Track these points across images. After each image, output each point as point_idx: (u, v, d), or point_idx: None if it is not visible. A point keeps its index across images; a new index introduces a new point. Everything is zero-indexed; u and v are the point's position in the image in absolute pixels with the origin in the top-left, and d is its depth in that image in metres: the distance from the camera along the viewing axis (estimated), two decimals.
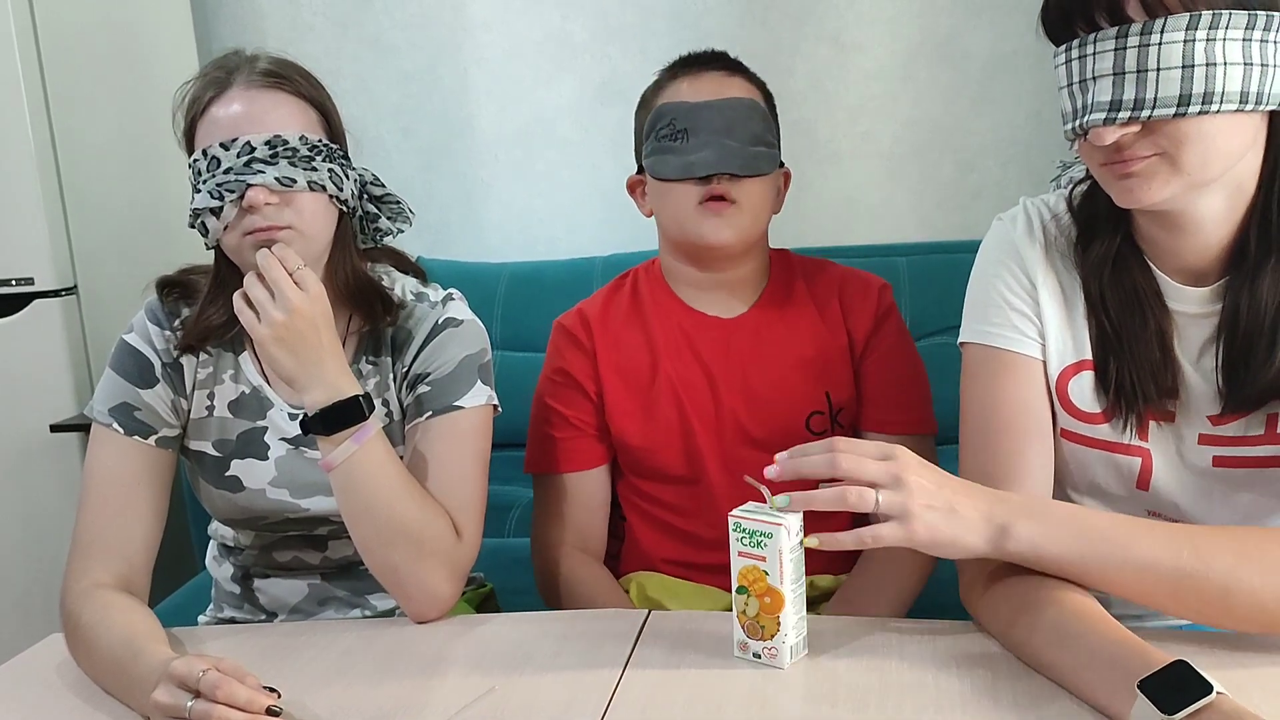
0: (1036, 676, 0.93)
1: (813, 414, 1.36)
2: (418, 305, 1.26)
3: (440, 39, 2.79)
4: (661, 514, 1.40)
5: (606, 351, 1.40)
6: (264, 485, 1.23)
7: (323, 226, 1.17)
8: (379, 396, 1.25)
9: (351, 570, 1.30)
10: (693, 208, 1.31)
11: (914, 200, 2.68)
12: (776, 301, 1.40)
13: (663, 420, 1.37)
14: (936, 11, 2.59)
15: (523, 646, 1.06)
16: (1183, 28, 0.91)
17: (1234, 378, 1.02)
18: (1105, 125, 0.93)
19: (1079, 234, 1.09)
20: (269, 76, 1.15)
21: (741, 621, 0.98)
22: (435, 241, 2.84)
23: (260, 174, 1.11)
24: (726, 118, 1.29)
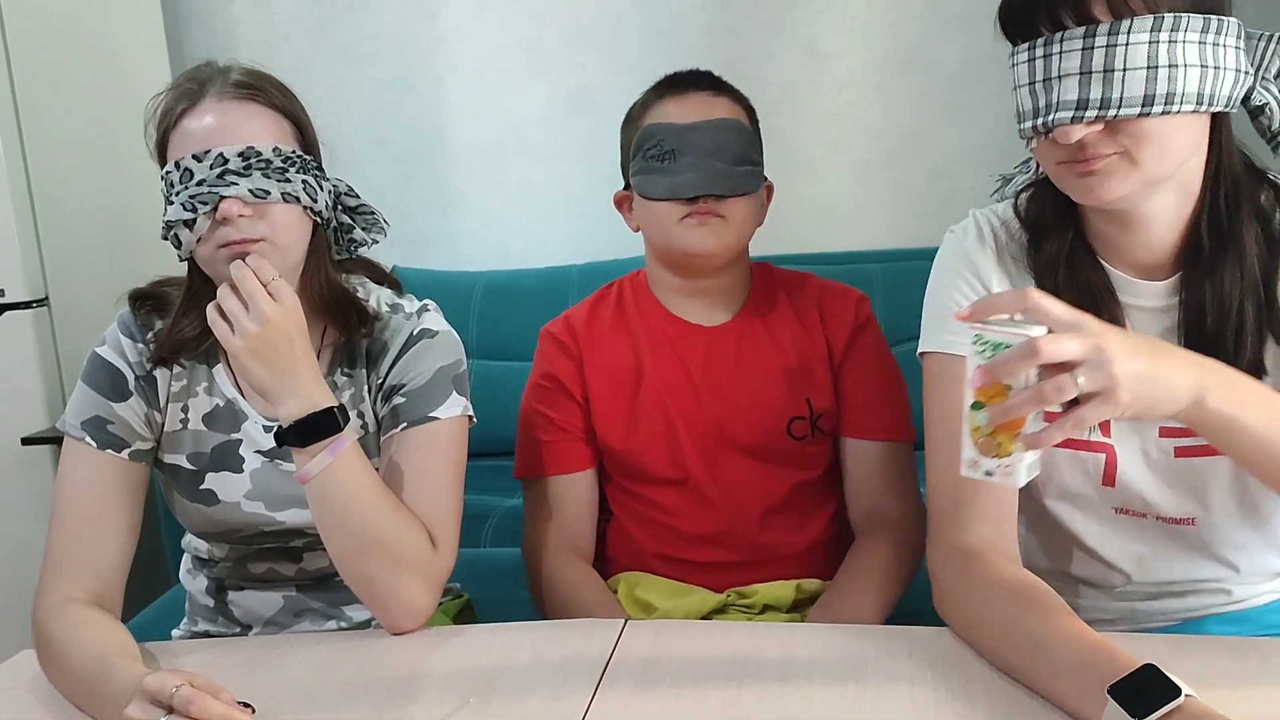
0: (1010, 682, 0.94)
1: (794, 419, 1.39)
2: (393, 317, 1.25)
3: (413, 48, 2.79)
4: (651, 512, 1.41)
5: (592, 357, 1.43)
6: (239, 498, 1.23)
7: (297, 238, 1.17)
8: (354, 408, 1.24)
9: (327, 582, 1.29)
10: (677, 220, 1.34)
11: (887, 207, 2.70)
12: (759, 311, 1.43)
13: (648, 424, 1.40)
14: (907, 20, 2.61)
15: (499, 657, 1.06)
16: (1148, 29, 0.93)
17: None
18: (1072, 124, 0.95)
19: (1030, 237, 1.11)
20: (242, 88, 1.15)
21: (975, 439, 0.90)
22: (410, 251, 2.83)
23: (233, 186, 1.10)
24: (713, 139, 1.32)
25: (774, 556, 1.37)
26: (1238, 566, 1.12)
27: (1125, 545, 1.13)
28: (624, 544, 1.44)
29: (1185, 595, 1.13)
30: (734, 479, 1.38)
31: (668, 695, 0.96)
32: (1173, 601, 1.14)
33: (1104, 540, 1.13)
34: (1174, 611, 1.14)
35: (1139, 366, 0.84)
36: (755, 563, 1.36)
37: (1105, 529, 1.13)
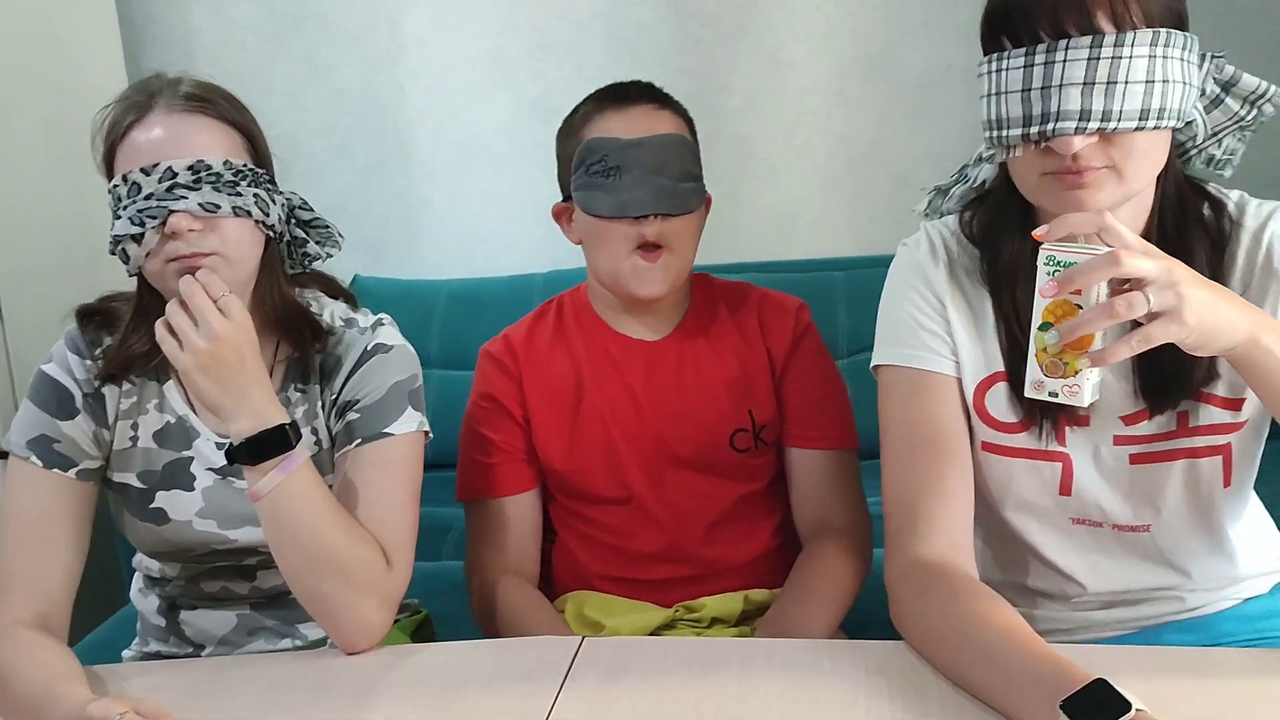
0: (965, 696, 0.94)
1: (737, 432, 1.38)
2: (347, 331, 1.24)
3: (375, 56, 2.76)
4: (596, 532, 1.40)
5: (532, 376, 1.41)
6: (190, 516, 1.21)
7: (248, 252, 1.15)
8: (308, 424, 1.23)
9: (281, 600, 1.27)
10: (625, 256, 1.32)
11: (850, 215, 2.71)
12: (699, 324, 1.43)
13: (589, 443, 1.39)
14: (870, 28, 2.62)
15: (455, 676, 1.05)
16: (1148, 43, 0.94)
17: (1152, 380, 1.06)
18: (1075, 134, 0.95)
19: (984, 250, 1.11)
20: (191, 100, 1.13)
21: (1040, 360, 0.92)
22: (372, 260, 2.81)
23: (183, 199, 1.09)
24: (658, 156, 1.30)
25: (720, 569, 1.36)
26: (1190, 573, 1.13)
27: (1082, 555, 1.14)
28: (569, 565, 1.42)
29: (1140, 604, 1.14)
30: (678, 494, 1.38)
31: (624, 712, 0.95)
32: (1128, 610, 1.15)
33: (1061, 551, 1.14)
34: (1130, 620, 1.15)
35: (1204, 294, 0.87)
36: (702, 576, 1.36)
37: (1062, 539, 1.14)
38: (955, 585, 1.01)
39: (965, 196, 1.17)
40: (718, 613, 1.33)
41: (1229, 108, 1.03)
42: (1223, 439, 1.07)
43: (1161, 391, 1.06)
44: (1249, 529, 1.14)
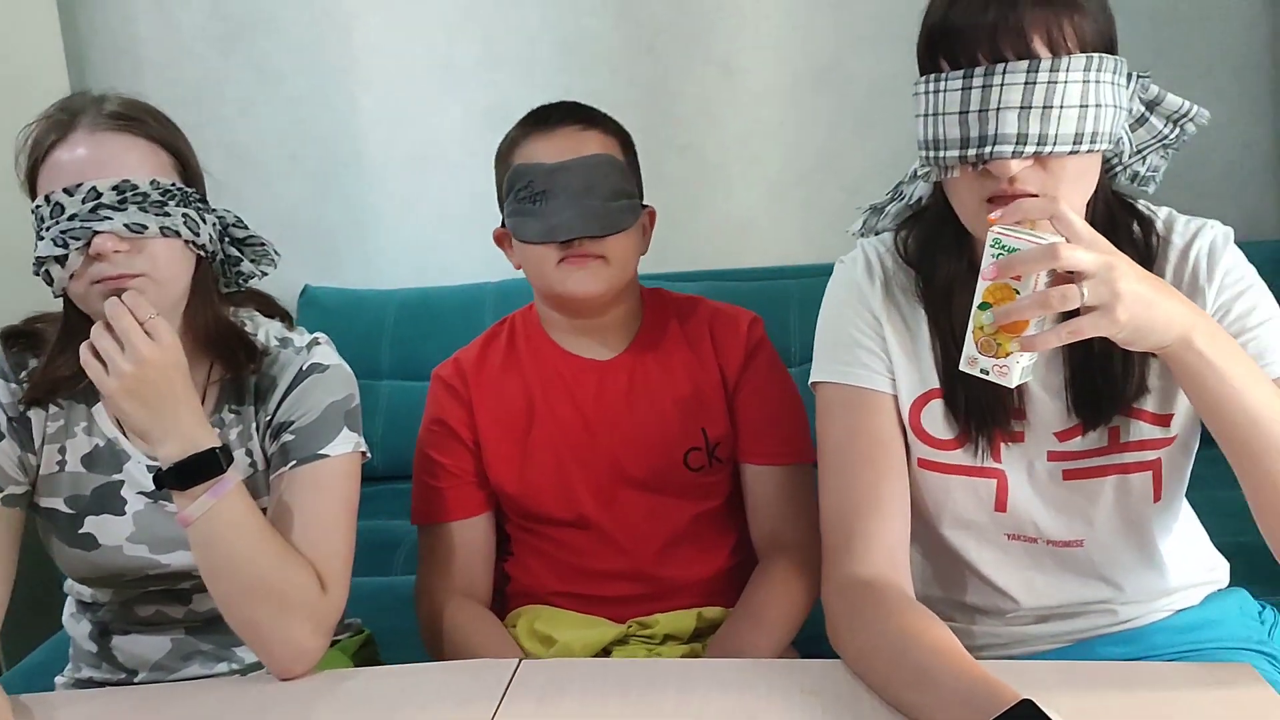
0: (898, 716, 0.94)
1: (690, 450, 1.37)
2: (282, 351, 1.22)
3: (327, 64, 2.74)
4: (551, 549, 1.39)
5: (483, 400, 1.40)
6: (121, 541, 1.18)
7: (178, 273, 1.13)
8: (242, 446, 1.21)
9: (217, 624, 1.24)
10: (554, 265, 1.31)
11: (802, 223, 2.72)
12: (650, 342, 1.41)
13: (540, 466, 1.38)
14: (820, 38, 2.63)
15: (390, 700, 1.04)
16: (1081, 68, 0.95)
17: (1084, 396, 1.07)
18: (1012, 158, 0.95)
19: (919, 269, 1.12)
20: (117, 118, 1.11)
21: (977, 338, 0.94)
22: (324, 269, 2.78)
23: (108, 220, 1.07)
24: (584, 178, 1.29)
25: (675, 587, 1.36)
26: (1123, 587, 1.14)
27: (1017, 571, 1.15)
28: (525, 579, 1.41)
29: (1074, 617, 1.15)
30: (632, 515, 1.37)
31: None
32: (1062, 624, 1.16)
33: (997, 567, 1.15)
34: (1064, 634, 1.16)
35: (1142, 291, 0.88)
36: (657, 594, 1.36)
37: (998, 555, 1.15)
38: (890, 603, 1.01)
39: (900, 214, 1.18)
40: (670, 629, 1.32)
41: (1153, 126, 1.05)
42: (1153, 454, 1.09)
43: (1094, 407, 1.07)
44: (1180, 542, 1.16)
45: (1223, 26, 2.50)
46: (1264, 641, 1.17)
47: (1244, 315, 1.03)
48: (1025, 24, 0.94)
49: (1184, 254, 1.07)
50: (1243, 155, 2.54)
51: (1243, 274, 1.06)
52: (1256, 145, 2.54)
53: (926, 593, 1.20)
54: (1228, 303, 1.04)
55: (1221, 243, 1.07)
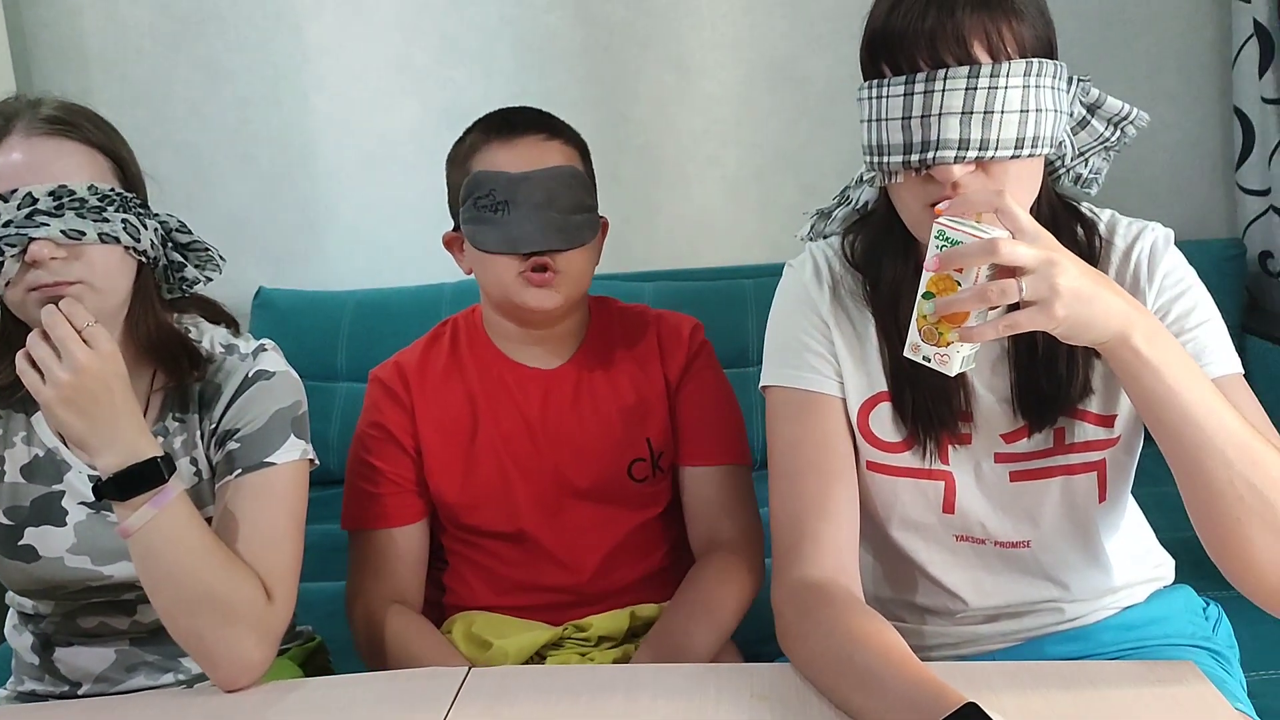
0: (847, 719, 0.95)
1: (634, 461, 1.37)
2: (227, 358, 1.21)
3: (278, 63, 2.71)
4: (487, 561, 1.38)
5: (425, 407, 1.38)
6: (62, 553, 1.16)
7: (117, 280, 1.11)
8: (186, 454, 1.19)
9: (163, 634, 1.21)
10: (514, 277, 1.30)
11: (759, 222, 2.72)
12: (596, 351, 1.41)
13: (483, 475, 1.36)
14: (775, 37, 2.64)
15: (338, 710, 1.03)
16: (1021, 73, 0.95)
17: (1029, 398, 1.08)
18: (954, 163, 0.96)
19: (865, 273, 1.12)
20: (53, 123, 1.09)
21: (920, 325, 0.94)
22: (278, 271, 2.75)
23: (44, 226, 1.04)
24: (547, 190, 1.28)
25: (612, 591, 1.36)
26: (1069, 585, 1.15)
27: (965, 571, 1.15)
28: (460, 590, 1.40)
29: (1022, 616, 1.16)
30: (573, 527, 1.36)
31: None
32: (1010, 623, 1.16)
33: (946, 568, 1.16)
34: (1012, 633, 1.17)
35: (1081, 287, 0.88)
36: (592, 597, 1.36)
37: (946, 556, 1.15)
38: (839, 607, 1.01)
39: (848, 219, 1.18)
40: (605, 631, 1.32)
41: (1095, 129, 1.06)
42: (1097, 455, 1.10)
43: (1039, 409, 1.08)
44: (1126, 540, 1.17)
45: (1169, 27, 2.53)
46: (1208, 637, 1.19)
47: (1183, 316, 1.05)
48: (965, 30, 0.95)
49: (1126, 256, 1.08)
50: (1189, 155, 2.57)
51: (1182, 275, 1.07)
52: (1202, 145, 2.57)
53: (877, 593, 1.21)
54: (1167, 304, 1.05)
55: (1162, 245, 1.08)
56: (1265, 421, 1.01)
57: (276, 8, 2.68)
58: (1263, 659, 1.45)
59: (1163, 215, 1.15)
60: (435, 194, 2.71)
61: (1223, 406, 0.93)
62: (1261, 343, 2.31)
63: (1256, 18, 2.34)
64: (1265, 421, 1.01)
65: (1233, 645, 1.22)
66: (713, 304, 2.47)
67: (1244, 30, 2.37)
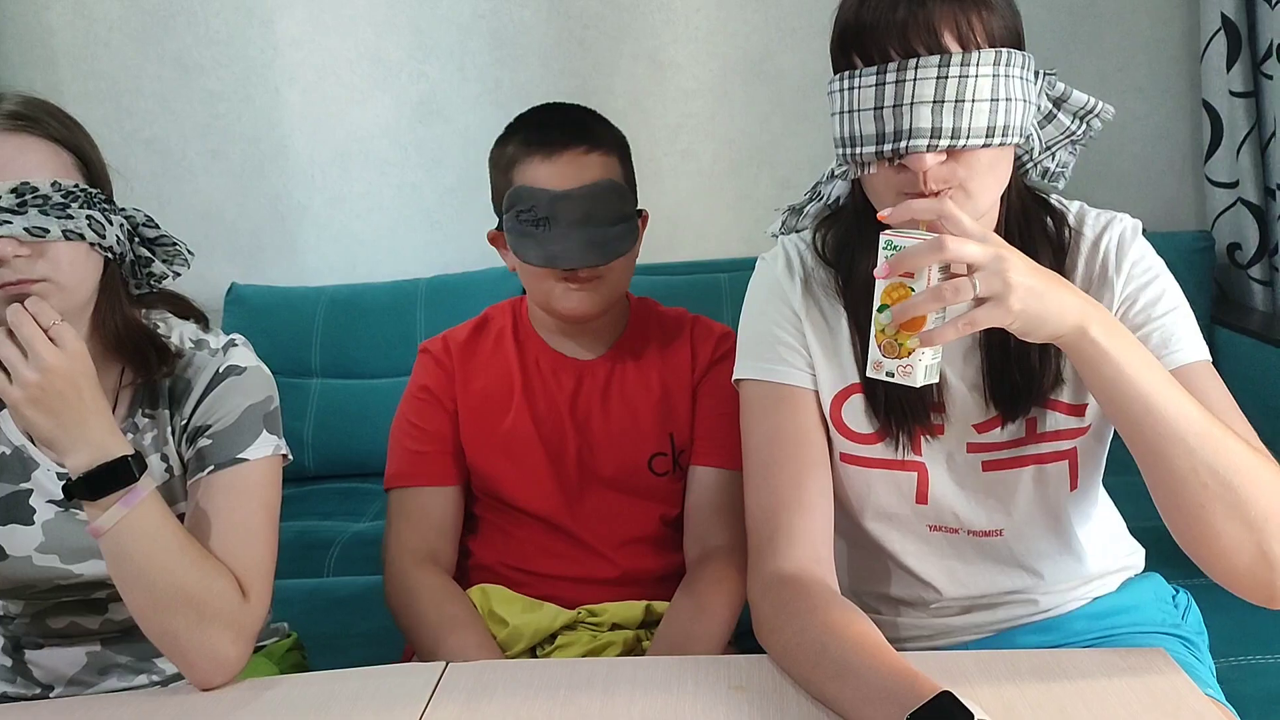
0: (822, 709, 0.95)
1: (655, 455, 1.40)
2: (197, 354, 1.19)
3: (248, 57, 2.69)
4: (513, 531, 1.42)
5: (465, 377, 1.44)
6: (30, 552, 1.15)
7: (83, 277, 1.09)
8: (157, 451, 1.18)
9: (136, 634, 1.20)
10: (553, 284, 1.34)
11: (734, 216, 2.73)
12: (631, 347, 1.45)
13: (513, 451, 1.40)
14: (749, 31, 2.64)
15: (314, 709, 1.02)
16: (991, 62, 0.96)
17: (1000, 388, 1.09)
18: (927, 151, 0.96)
19: (837, 267, 1.13)
20: (14, 119, 1.07)
21: (879, 341, 0.94)
22: (249, 267, 2.73)
23: (6, 224, 1.03)
24: (586, 207, 1.30)
25: (631, 580, 1.38)
26: (1042, 575, 1.16)
27: (939, 562, 1.16)
28: (482, 553, 1.43)
29: (996, 607, 1.17)
30: (594, 512, 1.39)
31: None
32: (984, 614, 1.17)
33: (919, 558, 1.16)
34: (986, 624, 1.18)
35: (1034, 283, 0.89)
36: (611, 584, 1.37)
37: (920, 547, 1.16)
38: (814, 598, 1.02)
39: (819, 214, 1.19)
40: (619, 618, 1.33)
41: (1061, 123, 1.07)
42: (1068, 444, 1.11)
43: (1011, 399, 1.09)
44: (1098, 529, 1.18)
45: (1138, 21, 2.55)
46: (1178, 625, 1.20)
47: (1151, 304, 1.06)
48: (935, 20, 0.96)
49: (1095, 246, 1.09)
50: (1158, 148, 2.60)
51: (1150, 264, 1.08)
52: (1172, 138, 2.60)
53: (852, 586, 1.21)
54: (1135, 292, 1.07)
55: (1130, 235, 1.09)
56: (1233, 408, 1.02)
57: (247, 1, 2.66)
58: (1231, 645, 1.48)
59: (1132, 207, 1.16)
60: (409, 189, 2.74)
61: (1182, 396, 0.94)
62: (1230, 334, 2.34)
63: (1224, 11, 2.37)
64: (1233, 408, 1.02)
65: (1201, 632, 1.23)
66: (687, 298, 2.44)
67: (1212, 24, 2.40)
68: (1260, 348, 2.22)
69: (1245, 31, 2.36)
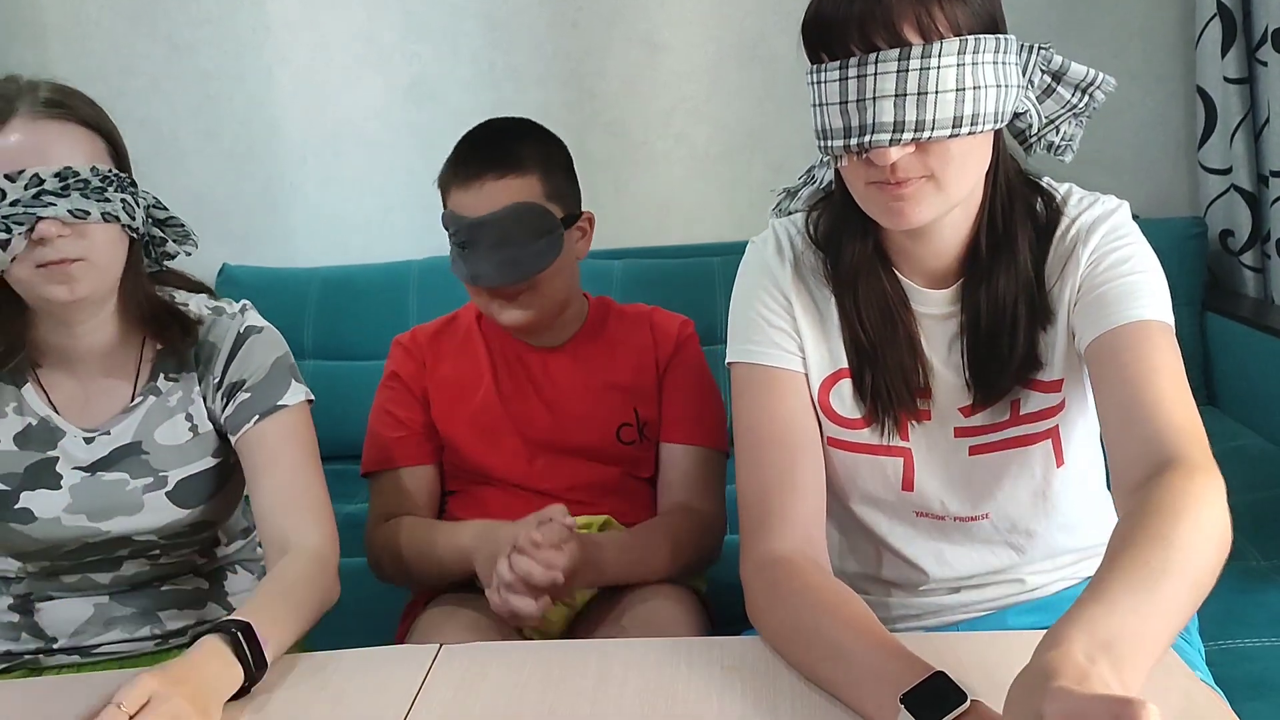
0: (816, 691, 0.96)
1: (622, 425, 1.49)
2: (216, 319, 1.27)
3: (240, 37, 2.67)
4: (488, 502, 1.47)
5: (434, 362, 1.52)
6: (58, 513, 1.21)
7: (115, 256, 1.16)
8: (182, 411, 1.25)
9: (144, 588, 1.29)
10: (486, 301, 1.45)
11: (727, 200, 2.72)
12: (593, 335, 1.54)
13: (484, 425, 1.48)
14: (743, 15, 2.63)
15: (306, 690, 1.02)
16: (955, 52, 0.95)
17: (981, 372, 1.09)
18: (890, 145, 0.96)
19: (826, 251, 1.13)
20: (53, 106, 1.13)
21: None
22: (241, 248, 2.72)
23: (51, 206, 1.09)
24: (501, 230, 1.38)
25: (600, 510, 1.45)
26: (1030, 554, 1.17)
27: (927, 543, 1.17)
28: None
29: (985, 587, 1.18)
30: (564, 474, 1.47)
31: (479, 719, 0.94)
32: (973, 594, 1.18)
33: (907, 540, 1.17)
34: (975, 604, 1.18)
35: None
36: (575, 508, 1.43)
37: (908, 530, 1.17)
38: (806, 579, 1.02)
39: (812, 198, 1.19)
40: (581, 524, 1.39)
41: (1061, 96, 1.06)
42: (1050, 422, 1.11)
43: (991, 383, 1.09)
44: (1090, 501, 1.18)
45: (1133, 6, 2.55)
46: None
47: (1116, 264, 1.04)
48: (894, 13, 0.95)
49: (1072, 223, 1.09)
50: (1152, 134, 2.60)
51: (1124, 235, 1.07)
52: (1165, 124, 2.60)
53: (842, 567, 1.22)
54: (1101, 256, 1.05)
55: (1107, 213, 1.08)
56: (1173, 377, 0.98)
57: None
58: (1220, 629, 1.49)
59: (1125, 193, 1.16)
60: (401, 170, 2.73)
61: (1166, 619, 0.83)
62: (1222, 320, 2.34)
63: None
64: (1173, 377, 0.98)
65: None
66: (680, 282, 2.47)
67: (1207, 10, 2.39)
68: (1252, 334, 2.23)
69: (1240, 18, 2.36)
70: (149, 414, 1.24)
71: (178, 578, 1.32)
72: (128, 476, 1.23)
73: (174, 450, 1.25)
